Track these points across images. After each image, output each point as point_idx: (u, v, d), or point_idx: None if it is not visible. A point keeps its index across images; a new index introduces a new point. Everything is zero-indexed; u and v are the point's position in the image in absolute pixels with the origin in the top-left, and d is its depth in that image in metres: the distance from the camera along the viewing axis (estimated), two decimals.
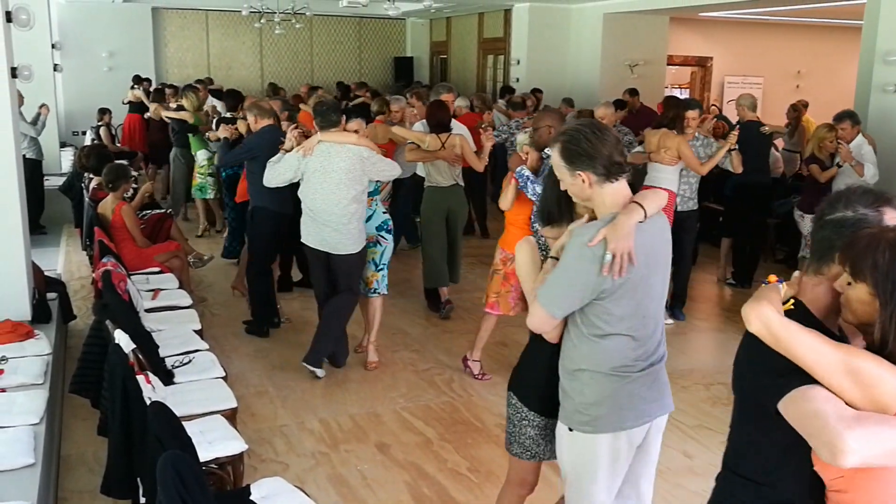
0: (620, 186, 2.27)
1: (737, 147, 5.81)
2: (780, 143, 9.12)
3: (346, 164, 4.51)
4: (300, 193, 4.67)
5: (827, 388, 1.51)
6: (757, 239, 7.20)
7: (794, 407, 1.53)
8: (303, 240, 4.73)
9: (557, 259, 2.32)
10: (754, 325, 1.63)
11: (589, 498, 2.41)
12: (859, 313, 1.57)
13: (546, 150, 4.12)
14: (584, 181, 2.25)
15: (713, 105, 12.28)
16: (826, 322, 1.65)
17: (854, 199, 1.66)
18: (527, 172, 4.25)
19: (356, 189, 4.56)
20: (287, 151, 4.70)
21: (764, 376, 1.62)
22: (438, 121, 5.67)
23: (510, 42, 12.65)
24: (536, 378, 2.53)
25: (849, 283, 1.57)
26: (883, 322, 1.52)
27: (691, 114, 5.75)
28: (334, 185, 4.52)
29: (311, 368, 4.74)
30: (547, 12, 11.95)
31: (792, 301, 1.69)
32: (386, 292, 5.05)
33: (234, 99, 7.82)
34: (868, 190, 1.70)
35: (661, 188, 5.40)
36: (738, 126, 6.47)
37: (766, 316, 1.61)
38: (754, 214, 7.00)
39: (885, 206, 1.65)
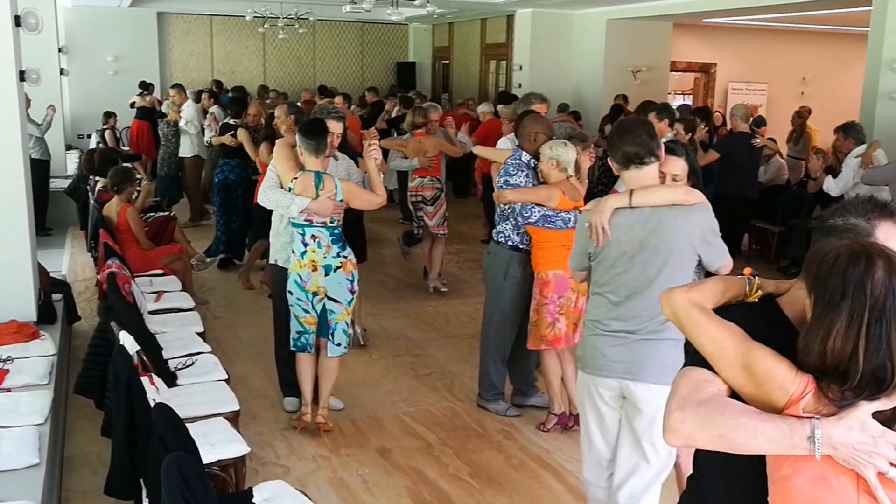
0: (641, 174, 2.66)
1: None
2: (785, 150, 9.11)
3: None
4: None
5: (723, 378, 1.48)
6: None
7: (672, 385, 1.52)
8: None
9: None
10: (664, 311, 1.66)
11: (583, 425, 2.95)
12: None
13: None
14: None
15: (716, 111, 12.29)
16: (800, 326, 1.54)
17: (850, 208, 1.55)
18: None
19: None
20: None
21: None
22: None
23: (513, 48, 12.65)
24: None
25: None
26: (807, 336, 1.40)
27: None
28: None
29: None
30: (549, 18, 11.96)
31: (759, 295, 1.62)
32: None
33: (238, 106, 7.59)
34: (870, 199, 1.57)
35: None
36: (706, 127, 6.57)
37: (673, 302, 1.61)
38: (729, 227, 6.90)
39: (882, 218, 1.52)
